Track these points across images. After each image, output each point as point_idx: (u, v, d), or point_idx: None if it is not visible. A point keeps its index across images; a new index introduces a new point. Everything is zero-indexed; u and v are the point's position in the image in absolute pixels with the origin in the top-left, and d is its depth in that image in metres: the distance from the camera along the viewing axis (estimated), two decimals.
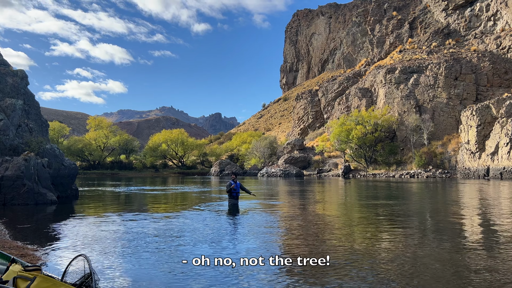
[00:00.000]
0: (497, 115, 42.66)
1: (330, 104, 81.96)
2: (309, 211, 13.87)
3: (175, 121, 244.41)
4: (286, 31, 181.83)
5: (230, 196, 14.35)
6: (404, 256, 6.75)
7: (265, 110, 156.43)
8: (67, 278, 3.57)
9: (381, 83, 62.94)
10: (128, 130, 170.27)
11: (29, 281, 3.40)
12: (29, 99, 23.42)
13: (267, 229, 9.92)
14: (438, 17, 79.04)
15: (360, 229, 9.88)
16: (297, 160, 68.20)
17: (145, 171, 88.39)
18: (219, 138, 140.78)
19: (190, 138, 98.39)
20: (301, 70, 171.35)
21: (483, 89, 55.73)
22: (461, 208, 14.32)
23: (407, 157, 55.17)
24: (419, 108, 56.36)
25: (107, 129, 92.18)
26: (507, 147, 39.58)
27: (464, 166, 45.49)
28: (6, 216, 12.25)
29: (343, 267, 6.07)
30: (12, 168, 15.70)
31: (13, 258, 4.50)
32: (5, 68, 22.98)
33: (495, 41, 61.82)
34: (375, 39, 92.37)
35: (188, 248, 7.53)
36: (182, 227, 10.20)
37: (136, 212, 13.89)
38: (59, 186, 18.79)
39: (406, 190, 24.86)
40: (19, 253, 6.90)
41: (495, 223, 10.53)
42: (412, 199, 18.49)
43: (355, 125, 57.73)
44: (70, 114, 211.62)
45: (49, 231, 9.74)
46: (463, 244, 7.75)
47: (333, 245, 7.76)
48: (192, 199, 19.67)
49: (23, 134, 20.92)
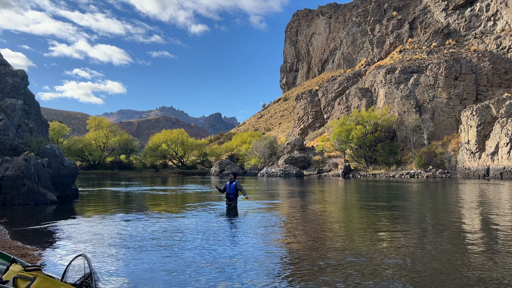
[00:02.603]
0: (497, 115, 42.66)
1: (330, 104, 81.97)
2: (309, 211, 13.87)
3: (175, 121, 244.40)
4: (286, 31, 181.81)
5: (226, 197, 14.54)
6: (404, 256, 6.75)
7: (265, 110, 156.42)
8: (67, 278, 3.57)
9: (381, 83, 62.95)
10: (128, 130, 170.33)
11: (29, 281, 3.40)
12: (29, 99, 23.42)
13: (266, 229, 9.92)
14: (438, 17, 79.04)
15: (360, 229, 9.88)
16: (297, 160, 68.21)
17: (145, 171, 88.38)
18: (219, 138, 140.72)
19: (190, 138, 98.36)
20: (301, 70, 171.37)
21: (483, 89, 55.74)
22: (461, 208, 14.32)
23: (407, 157, 55.17)
24: (419, 108, 56.37)
25: (107, 129, 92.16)
26: (507, 147, 39.58)
27: (464, 166, 45.50)
28: (6, 216, 12.24)
29: (343, 267, 6.07)
30: (12, 168, 15.70)
31: (13, 258, 4.50)
32: (5, 68, 22.97)
33: (495, 41, 61.81)
34: (375, 39, 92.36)
35: (188, 248, 7.53)
36: (182, 227, 10.20)
37: (136, 212, 13.89)
38: (59, 186, 18.79)
39: (406, 190, 24.86)
40: (19, 253, 6.89)
41: (495, 223, 10.53)
42: (412, 199, 18.49)
43: (355, 125, 57.74)
44: (70, 114, 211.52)
45: (49, 231, 9.73)
46: (463, 244, 7.75)
47: (333, 245, 7.76)
48: (191, 199, 19.67)
49: (23, 134, 20.92)
